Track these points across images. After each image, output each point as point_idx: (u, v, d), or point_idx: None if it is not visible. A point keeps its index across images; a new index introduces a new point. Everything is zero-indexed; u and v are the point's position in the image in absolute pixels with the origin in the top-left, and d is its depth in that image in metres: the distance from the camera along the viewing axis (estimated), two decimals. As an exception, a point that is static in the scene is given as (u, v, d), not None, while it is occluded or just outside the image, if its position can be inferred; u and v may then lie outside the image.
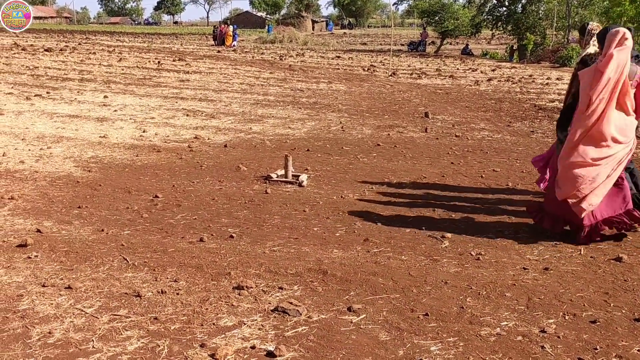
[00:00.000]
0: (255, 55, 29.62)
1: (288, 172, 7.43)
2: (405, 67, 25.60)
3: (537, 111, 13.60)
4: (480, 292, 4.33)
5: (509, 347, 3.59)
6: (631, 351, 3.56)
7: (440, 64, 27.98)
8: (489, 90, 17.76)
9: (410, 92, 16.93)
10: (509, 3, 36.58)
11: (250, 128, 11.16)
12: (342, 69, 23.65)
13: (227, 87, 17.09)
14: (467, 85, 18.91)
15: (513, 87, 18.35)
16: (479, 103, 15.11)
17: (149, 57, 25.27)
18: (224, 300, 4.14)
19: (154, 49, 31.97)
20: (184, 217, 6.04)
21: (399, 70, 23.52)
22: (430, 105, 14.40)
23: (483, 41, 51.33)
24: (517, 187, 7.35)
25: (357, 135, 10.70)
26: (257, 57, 28.00)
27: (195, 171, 7.91)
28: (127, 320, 3.83)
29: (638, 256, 5.10)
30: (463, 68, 25.45)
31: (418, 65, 26.76)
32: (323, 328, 3.77)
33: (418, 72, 22.72)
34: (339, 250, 5.15)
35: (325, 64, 25.55)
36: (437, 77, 21.36)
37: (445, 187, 7.28)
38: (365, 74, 21.93)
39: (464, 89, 17.97)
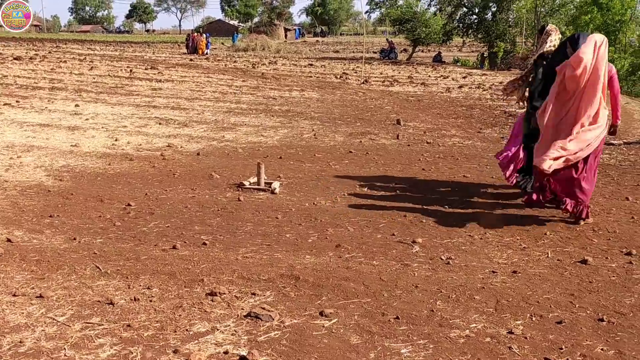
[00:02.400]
0: (227, 63, 29.60)
1: (260, 180, 7.46)
2: (377, 74, 25.78)
3: (507, 117, 13.81)
4: (450, 296, 4.41)
5: (477, 348, 3.67)
6: (595, 350, 3.65)
7: (412, 71, 28.24)
8: (460, 97, 17.98)
9: (383, 100, 17.06)
10: (479, 11, 37.08)
11: (223, 136, 11.18)
12: (314, 76, 23.75)
13: (199, 95, 17.08)
14: (438, 93, 19.12)
15: (484, 94, 18.60)
16: (450, 110, 15.29)
17: (121, 66, 25.14)
18: (197, 306, 4.16)
19: (126, 57, 31.80)
20: (157, 225, 6.05)
21: (372, 77, 23.69)
22: (402, 113, 14.54)
23: (454, 49, 51.87)
24: (487, 193, 7.46)
25: (329, 142, 10.77)
26: (230, 65, 27.99)
27: (168, 179, 7.91)
28: (100, 328, 3.83)
29: (602, 259, 5.23)
30: (435, 75, 25.71)
31: (390, 72, 26.96)
32: (295, 333, 3.81)
33: (390, 80, 22.89)
34: (311, 256, 5.20)
35: (298, 72, 25.63)
36: (409, 85, 21.55)
37: (417, 193, 7.37)
38: (338, 81, 22.05)
39: (435, 96, 18.16)
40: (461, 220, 6.32)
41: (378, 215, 6.46)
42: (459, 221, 6.27)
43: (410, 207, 6.78)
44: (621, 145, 10.54)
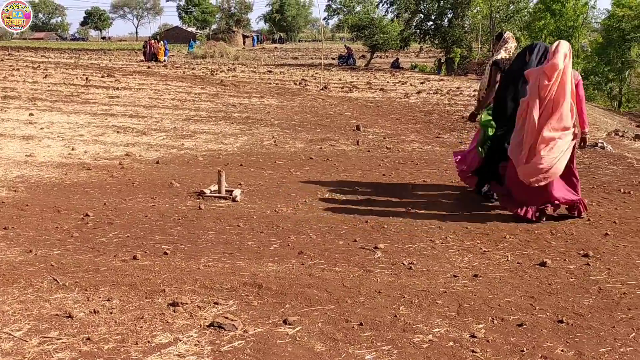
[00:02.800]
0: (186, 70, 29.39)
1: (221, 188, 7.41)
2: (336, 80, 25.88)
3: (465, 122, 13.97)
4: (413, 301, 4.43)
5: (441, 352, 3.69)
6: (555, 351, 3.71)
7: (371, 77, 28.42)
8: (418, 102, 18.16)
9: (342, 106, 17.13)
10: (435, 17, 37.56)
11: (183, 144, 11.08)
12: (273, 83, 23.74)
13: (158, 103, 16.91)
14: (397, 98, 19.28)
15: (441, 99, 18.81)
16: (409, 115, 15.43)
17: (77, 74, 24.76)
18: (159, 317, 4.10)
19: (82, 64, 31.32)
20: (116, 235, 5.96)
21: (330, 84, 23.77)
22: (362, 118, 14.62)
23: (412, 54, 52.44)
24: (447, 197, 7.54)
25: (290, 149, 10.76)
26: (188, 73, 27.79)
27: (127, 188, 7.80)
28: (59, 342, 3.75)
29: (561, 261, 5.32)
30: (393, 81, 25.92)
31: (349, 78, 27.10)
32: (259, 341, 3.78)
33: (349, 86, 23.01)
34: (274, 264, 5.18)
35: (257, 79, 25.59)
36: (367, 91, 21.68)
37: (378, 199, 7.40)
38: (297, 88, 22.07)
39: (394, 102, 18.31)
40: (422, 225, 6.36)
41: (340, 221, 6.47)
42: (420, 226, 6.32)
43: (371, 212, 6.81)
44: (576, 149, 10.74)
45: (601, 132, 14.20)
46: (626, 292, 4.63)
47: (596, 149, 10.73)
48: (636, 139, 13.32)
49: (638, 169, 9.17)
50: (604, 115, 20.91)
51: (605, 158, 10.04)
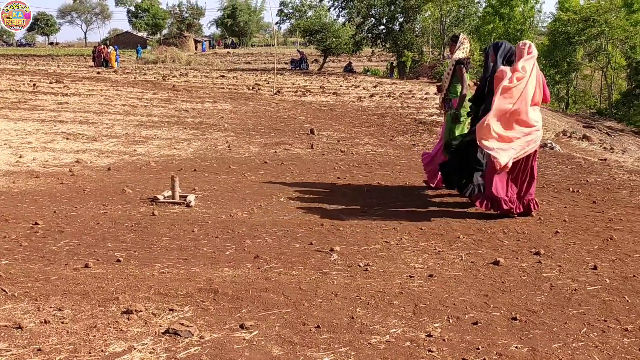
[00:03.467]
0: (137, 76, 29.01)
1: (175, 193, 7.33)
2: (289, 85, 25.88)
3: (417, 125, 14.13)
4: (370, 302, 4.45)
5: (398, 352, 3.71)
6: (510, 348, 3.76)
7: (324, 81, 28.50)
8: (371, 106, 18.27)
9: (296, 110, 17.13)
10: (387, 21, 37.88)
11: (135, 150, 10.92)
12: (226, 88, 23.60)
13: (108, 109, 16.64)
14: (350, 102, 19.37)
15: (394, 103, 18.96)
16: (363, 119, 15.51)
17: (23, 80, 24.19)
18: (113, 325, 4.02)
19: (29, 71, 30.64)
20: (67, 243, 5.83)
21: (284, 88, 23.75)
22: (316, 122, 14.64)
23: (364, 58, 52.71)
24: (401, 199, 7.59)
25: (244, 153, 10.71)
26: (140, 78, 27.43)
27: (78, 196, 7.65)
28: (8, 353, 3.64)
29: (513, 259, 5.41)
30: (346, 85, 26.03)
31: (302, 83, 27.12)
32: (216, 347, 3.74)
33: (302, 90, 23.03)
34: (230, 269, 5.14)
35: (210, 84, 25.40)
36: (321, 95, 21.73)
37: (333, 202, 7.41)
38: (250, 92, 22.00)
39: (347, 106, 18.39)
40: (377, 226, 6.40)
41: (295, 224, 6.45)
42: (376, 228, 6.35)
43: (327, 215, 6.81)
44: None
45: (550, 133, 14.52)
46: (577, 289, 4.73)
47: (545, 149, 10.96)
48: (583, 140, 13.66)
49: (586, 168, 9.39)
50: (552, 117, 21.38)
51: (554, 158, 10.26)
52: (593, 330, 4.05)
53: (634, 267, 5.25)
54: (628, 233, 6.21)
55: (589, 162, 9.89)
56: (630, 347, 3.82)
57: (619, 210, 7.07)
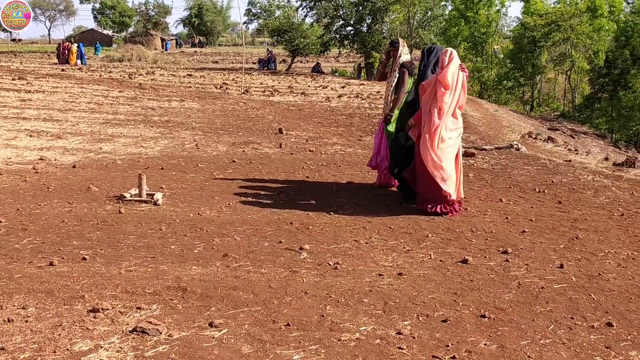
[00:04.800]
0: (102, 73, 28.60)
1: (142, 191, 7.23)
2: (257, 84, 25.79)
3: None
4: (340, 300, 4.44)
5: (368, 350, 3.71)
6: (479, 345, 3.79)
7: (292, 81, 28.46)
8: (339, 106, 18.30)
9: (264, 109, 17.07)
10: (354, 22, 37.99)
11: (101, 148, 10.77)
12: (194, 87, 23.42)
13: (73, 106, 16.38)
14: (318, 102, 19.37)
15: (362, 103, 19.02)
16: (331, 119, 15.52)
17: (-15, 76, 23.69)
18: (78, 324, 3.94)
19: (-9, 67, 30.00)
20: (31, 241, 5.71)
21: (252, 88, 23.66)
22: (284, 122, 14.61)
23: (332, 59, 52.77)
24: (370, 198, 7.60)
25: (212, 152, 10.63)
26: (105, 76, 27.06)
27: (42, 193, 7.50)
28: (-30, 353, 3.55)
29: (481, 258, 5.45)
30: (314, 85, 26.03)
31: (270, 82, 27.04)
32: (184, 345, 3.70)
33: (271, 90, 22.96)
34: (198, 267, 5.08)
35: (177, 82, 25.18)
36: (289, 95, 21.70)
37: (302, 201, 7.39)
38: (218, 91, 21.86)
39: (315, 106, 18.39)
40: (347, 225, 6.39)
41: (264, 223, 6.42)
42: (345, 226, 6.35)
43: (296, 214, 6.79)
44: (492, 150, 11.07)
45: (516, 135, 14.71)
46: (544, 287, 4.78)
47: (511, 150, 11.08)
48: (548, 141, 13.86)
49: (551, 169, 9.52)
50: (517, 119, 21.65)
51: (520, 159, 10.37)
52: (560, 327, 4.09)
53: (599, 265, 5.32)
54: (593, 232, 6.30)
55: (554, 163, 10.02)
56: (596, 344, 3.87)
57: (584, 210, 7.18)
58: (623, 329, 4.10)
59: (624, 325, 4.15)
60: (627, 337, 3.98)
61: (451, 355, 3.66)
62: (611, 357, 3.72)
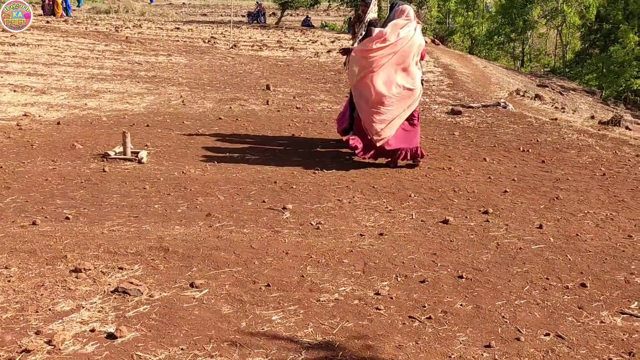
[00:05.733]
0: (88, 26, 28.15)
1: (127, 149, 7.22)
2: (246, 39, 25.48)
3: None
4: (320, 260, 4.50)
5: (346, 311, 3.78)
6: (455, 306, 3.87)
7: (282, 35, 28.13)
8: (328, 62, 18.15)
9: (252, 65, 16.92)
10: (344, -26, 37.42)
11: (86, 104, 10.68)
12: (181, 41, 23.11)
13: (58, 60, 16.16)
14: (307, 57, 19.20)
15: (351, 59, 18.84)
16: (319, 75, 15.42)
17: (-31, 28, 23.30)
18: (61, 284, 3.99)
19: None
20: (14, 200, 5.71)
21: (240, 42, 23.38)
22: (272, 78, 14.50)
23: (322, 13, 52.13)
24: (353, 157, 7.62)
25: (198, 109, 10.57)
26: (91, 29, 26.64)
27: (26, 151, 7.47)
28: (-47, 313, 3.60)
29: (462, 218, 5.51)
30: (303, 40, 25.76)
31: (259, 37, 26.72)
32: (165, 306, 3.76)
33: (259, 44, 22.71)
34: (181, 227, 5.12)
35: (164, 36, 24.82)
36: (278, 49, 21.47)
37: (287, 159, 7.40)
38: (206, 46, 21.60)
39: (304, 61, 18.23)
40: (330, 184, 6.43)
41: (249, 182, 6.44)
42: (329, 186, 6.38)
43: (280, 173, 6.81)
44: (479, 108, 11.07)
45: (504, 92, 14.67)
46: (522, 247, 4.86)
47: (498, 108, 11.08)
48: (536, 99, 13.84)
49: (537, 128, 9.55)
50: (506, 75, 21.57)
51: (506, 117, 10.38)
52: (535, 288, 4.18)
53: (578, 226, 5.40)
54: (574, 193, 6.37)
55: (540, 122, 10.05)
56: (569, 305, 3.96)
57: (567, 170, 7.24)
58: (596, 289, 4.19)
59: (597, 285, 4.24)
60: (599, 297, 4.08)
61: (427, 316, 3.74)
62: (583, 317, 3.81)
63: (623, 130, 9.94)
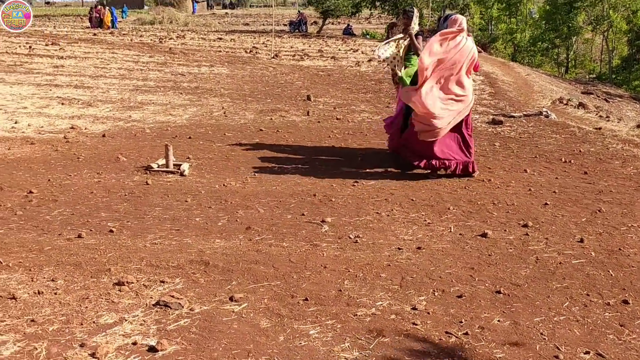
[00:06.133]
0: (133, 37, 28.75)
1: (169, 162, 7.37)
2: (287, 48, 25.68)
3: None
4: (358, 275, 4.53)
5: (382, 325, 3.80)
6: (492, 322, 3.86)
7: (323, 44, 28.27)
8: (369, 71, 18.18)
9: (293, 75, 17.06)
10: (386, -18, 37.38)
11: (130, 116, 10.92)
12: (224, 51, 23.43)
13: (104, 72, 16.56)
14: (348, 67, 19.27)
15: (392, 68, 18.84)
16: (360, 85, 15.46)
17: (19, 42, 24.00)
18: (104, 297, 4.11)
19: (25, 32, 30.29)
20: (61, 212, 5.89)
21: (282, 51, 23.58)
22: (313, 88, 14.60)
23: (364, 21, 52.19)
24: (394, 169, 7.62)
25: (239, 120, 10.72)
26: (136, 40, 27.20)
27: (72, 163, 7.69)
28: (2, 324, 3.73)
29: (501, 232, 5.48)
30: (345, 49, 25.84)
31: (300, 46, 26.91)
32: (205, 319, 3.83)
33: (300, 54, 22.87)
34: (221, 240, 5.21)
35: (207, 46, 25.21)
36: (319, 59, 21.59)
37: (326, 172, 7.46)
38: (248, 56, 21.85)
39: (345, 70, 18.30)
40: (369, 197, 6.46)
41: (288, 195, 6.51)
42: (368, 198, 6.41)
43: (320, 185, 6.87)
44: (521, 117, 10.97)
45: (546, 100, 14.49)
46: (562, 262, 4.81)
47: (540, 117, 10.96)
48: (579, 107, 13.64)
49: (580, 138, 9.42)
50: (549, 83, 21.29)
51: (548, 127, 10.27)
52: (575, 304, 4.13)
53: (620, 240, 5.32)
54: (617, 205, 6.27)
55: (584, 131, 9.91)
56: (610, 322, 3.91)
57: (610, 182, 7.13)
58: (639, 306, 4.12)
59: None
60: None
61: (464, 332, 3.74)
62: (624, 335, 3.76)
63: (670, 140, 9.73)
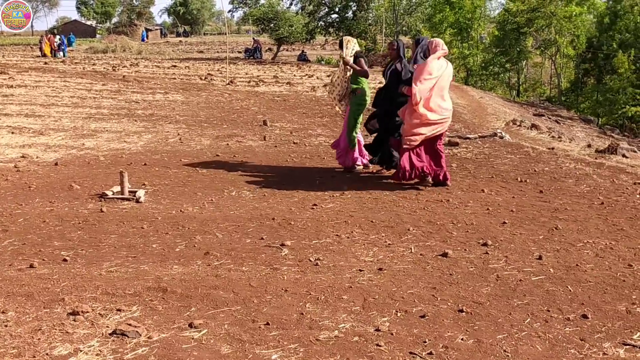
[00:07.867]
0: (86, 66, 28.41)
1: (124, 189, 7.22)
2: (243, 74, 25.69)
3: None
4: (319, 297, 4.47)
5: (346, 348, 3.74)
6: (456, 341, 3.83)
7: (278, 70, 28.38)
8: (324, 96, 18.25)
9: (249, 100, 17.04)
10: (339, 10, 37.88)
11: (83, 144, 10.72)
12: (178, 78, 23.30)
13: (56, 101, 16.27)
14: (304, 92, 19.35)
15: (347, 93, 18.96)
16: (316, 109, 15.51)
17: (-32, 71, 23.48)
18: (58, 328, 3.96)
19: (-27, 61, 29.71)
20: (12, 242, 5.69)
21: (237, 78, 23.57)
22: (269, 113, 14.59)
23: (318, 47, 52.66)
24: (353, 191, 7.62)
25: (195, 146, 10.61)
26: (89, 68, 26.88)
27: (24, 192, 7.47)
28: (-51, 360, 3.56)
29: (462, 251, 5.50)
30: (300, 74, 25.98)
31: (255, 72, 26.96)
32: (164, 347, 3.72)
33: (256, 80, 22.89)
34: (179, 266, 5.10)
35: (161, 74, 25.04)
36: (274, 85, 21.65)
37: (285, 195, 7.41)
38: (203, 83, 21.77)
39: (301, 96, 18.36)
40: (329, 220, 6.42)
41: (246, 219, 6.43)
42: (327, 221, 6.37)
43: (278, 209, 6.81)
44: (476, 139, 11.12)
45: (500, 122, 14.76)
46: (522, 279, 4.83)
47: (495, 138, 11.13)
48: (532, 128, 13.90)
49: (534, 158, 9.58)
50: (502, 105, 21.71)
51: (503, 147, 10.43)
52: (536, 320, 4.15)
53: (577, 256, 5.38)
54: (573, 222, 6.36)
55: (537, 151, 10.09)
56: (571, 337, 3.92)
57: (565, 200, 7.24)
58: (598, 320, 4.16)
59: (599, 316, 4.21)
60: (601, 328, 4.04)
61: (428, 351, 3.71)
62: (585, 350, 3.77)
63: (620, 158, 9.97)
